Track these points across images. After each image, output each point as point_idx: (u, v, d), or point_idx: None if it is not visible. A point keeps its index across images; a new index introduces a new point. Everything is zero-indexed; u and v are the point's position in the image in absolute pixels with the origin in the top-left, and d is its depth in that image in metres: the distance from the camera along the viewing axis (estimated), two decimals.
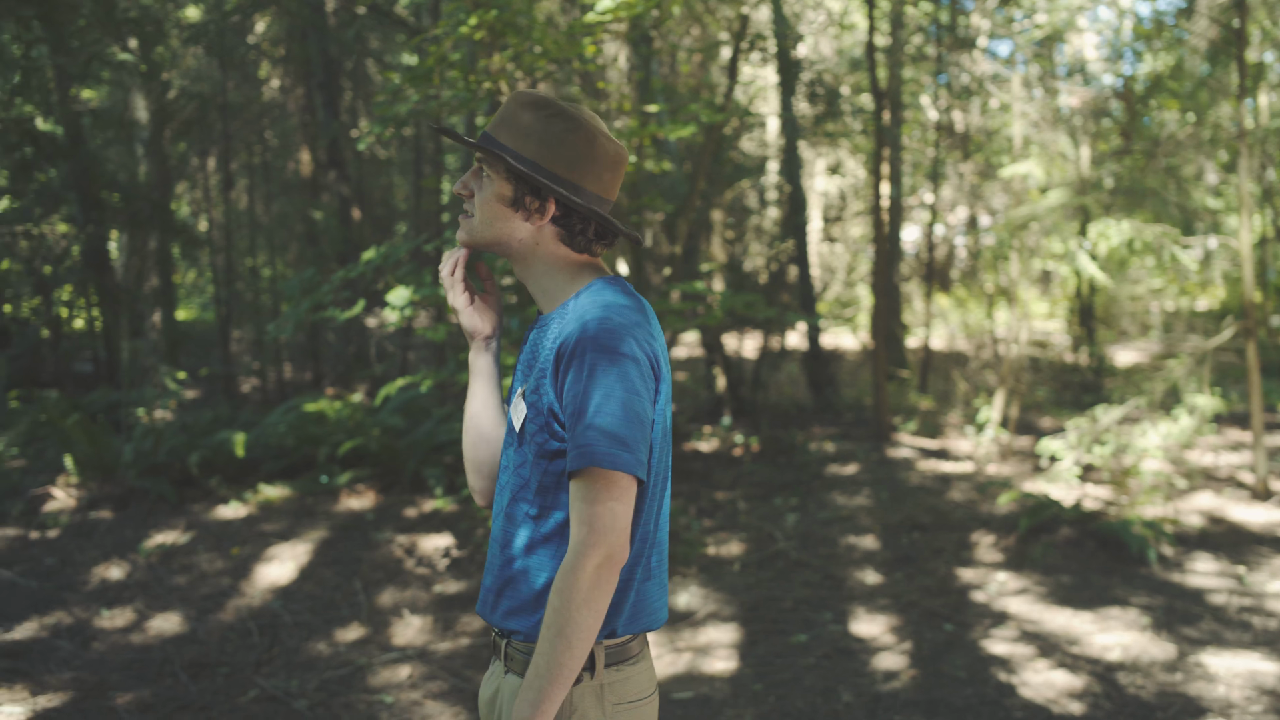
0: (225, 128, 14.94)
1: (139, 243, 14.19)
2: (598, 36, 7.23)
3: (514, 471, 2.34)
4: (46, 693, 5.34)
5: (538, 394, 2.26)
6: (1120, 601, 6.65)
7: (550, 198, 2.34)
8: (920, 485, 9.85)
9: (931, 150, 17.15)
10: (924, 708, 5.13)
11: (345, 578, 7.18)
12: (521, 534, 2.30)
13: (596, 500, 2.14)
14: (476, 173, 2.39)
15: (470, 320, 2.46)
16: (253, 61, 16.32)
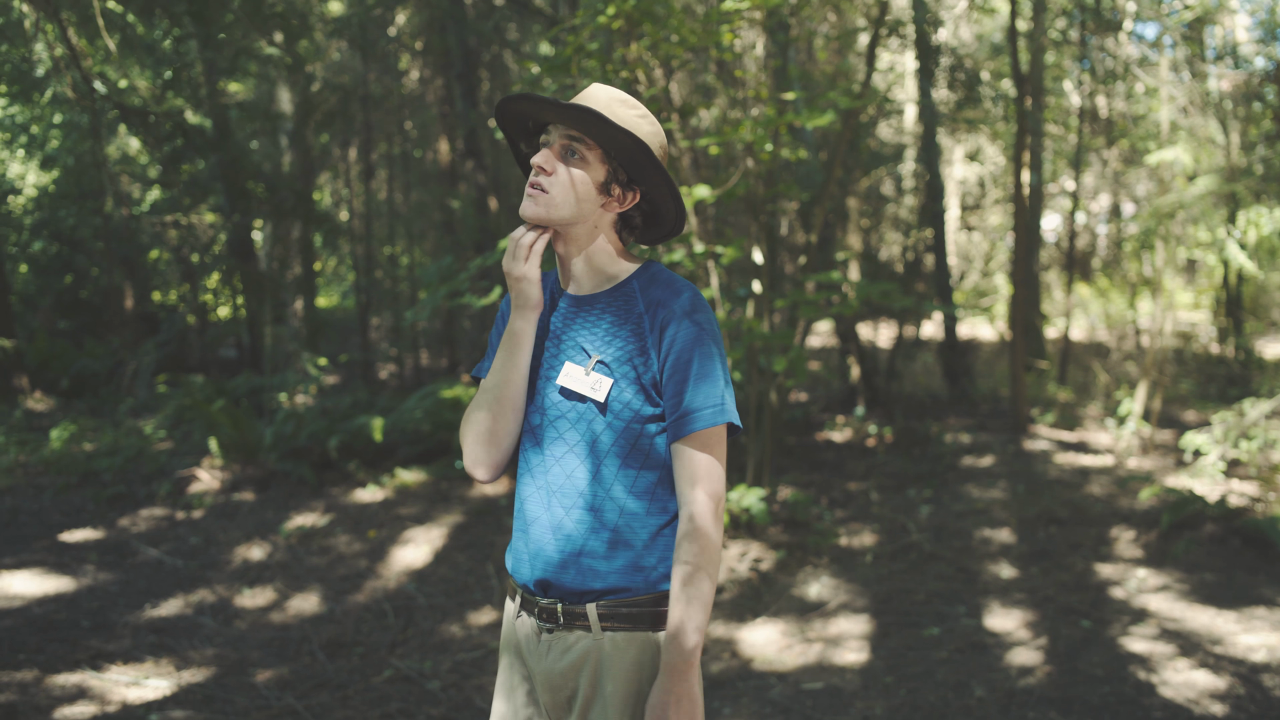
0: (366, 119, 15.23)
1: (282, 232, 14.53)
2: (735, 24, 7.20)
3: (596, 437, 2.41)
4: (190, 668, 5.51)
5: (632, 364, 2.41)
6: (1266, 601, 6.45)
7: (637, 189, 2.51)
8: (1058, 479, 9.66)
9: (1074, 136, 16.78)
10: (1059, 705, 5.04)
11: (478, 561, 7.28)
12: (614, 497, 2.40)
13: (712, 452, 2.39)
14: (563, 152, 2.42)
15: (536, 291, 2.46)
16: (393, 53, 16.58)
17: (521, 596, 2.50)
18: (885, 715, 4.98)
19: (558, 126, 2.43)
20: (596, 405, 2.41)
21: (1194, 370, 14.39)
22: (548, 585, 2.42)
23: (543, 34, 15.55)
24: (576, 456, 2.41)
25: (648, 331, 2.43)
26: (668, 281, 2.49)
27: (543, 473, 2.45)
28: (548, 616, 2.42)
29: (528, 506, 2.48)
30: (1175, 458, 10.17)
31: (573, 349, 2.47)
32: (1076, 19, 15.10)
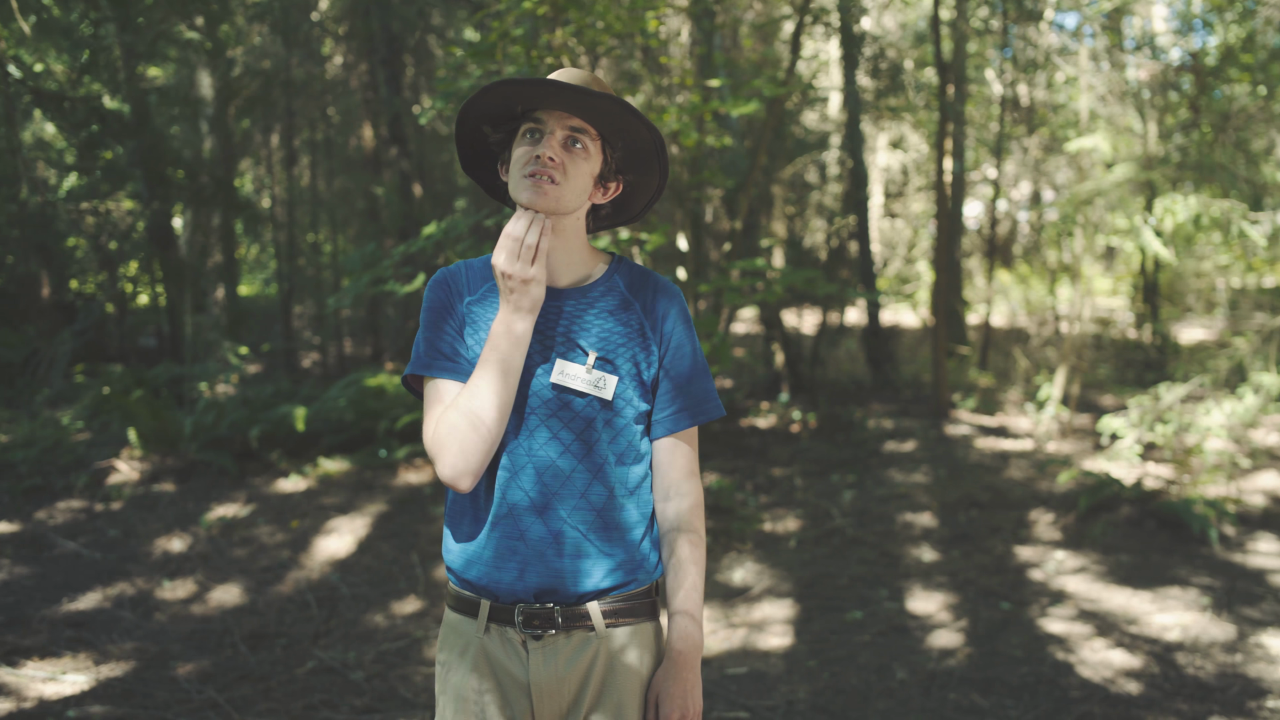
0: (288, 104, 15.07)
1: (203, 219, 14.35)
2: (660, 11, 7.21)
3: (597, 438, 2.38)
4: (109, 662, 5.44)
5: (634, 361, 2.42)
6: (1180, 581, 6.57)
7: (621, 179, 2.50)
8: (979, 463, 9.78)
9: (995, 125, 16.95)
10: (979, 686, 5.11)
11: (402, 551, 7.24)
12: (615, 496, 2.39)
13: (695, 443, 2.53)
14: (566, 142, 2.35)
15: (543, 292, 2.33)
16: (316, 38, 16.40)
17: (493, 608, 2.36)
18: (808, 699, 5.02)
19: (556, 115, 2.35)
20: (600, 403, 2.37)
21: (1112, 355, 14.63)
22: (546, 592, 2.34)
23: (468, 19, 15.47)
24: (574, 457, 2.36)
25: (648, 328, 2.46)
26: (650, 276, 2.56)
27: (534, 476, 2.34)
28: (542, 622, 2.33)
29: (518, 512, 2.34)
30: (1093, 441, 10.34)
31: (564, 345, 2.39)
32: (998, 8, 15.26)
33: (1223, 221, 9.74)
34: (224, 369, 11.28)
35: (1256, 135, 13.61)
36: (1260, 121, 12.05)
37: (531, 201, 2.30)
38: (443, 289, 2.45)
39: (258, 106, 15.18)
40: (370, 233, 15.14)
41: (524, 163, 2.33)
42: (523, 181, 2.32)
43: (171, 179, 12.77)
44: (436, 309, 2.44)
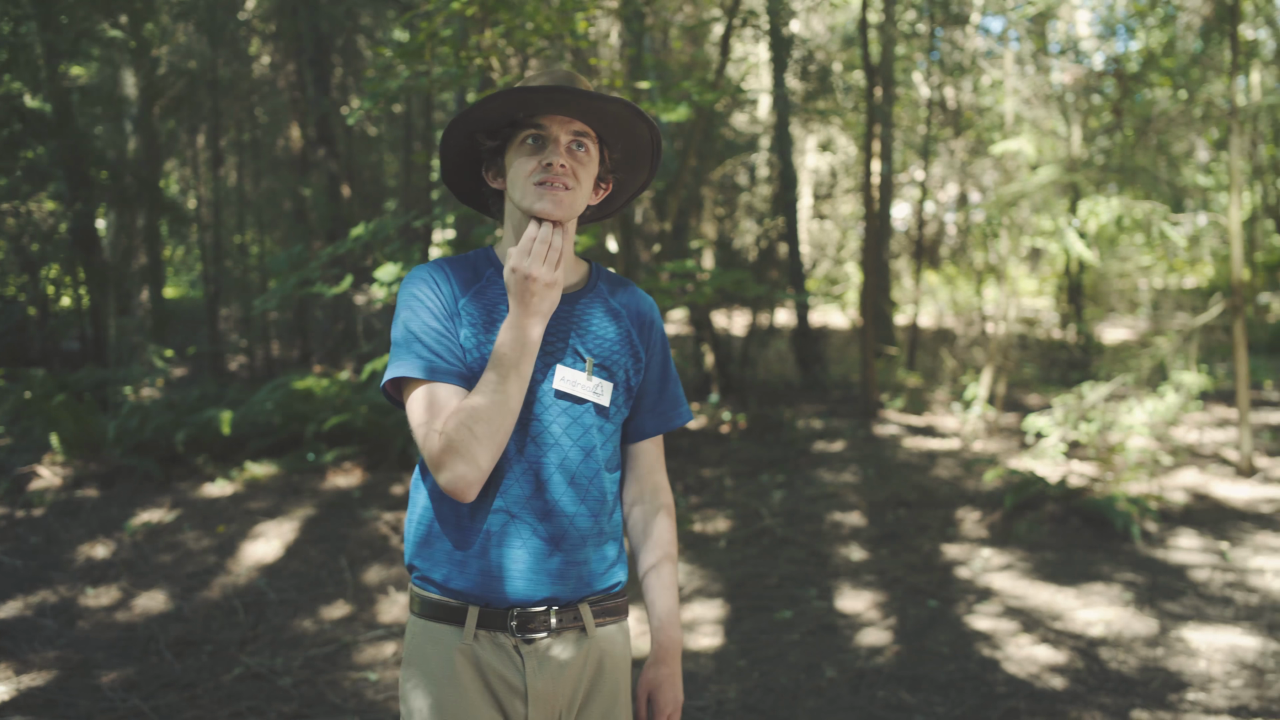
0: (215, 104, 14.90)
1: (127, 220, 14.15)
2: (590, 12, 7.21)
3: (594, 444, 2.39)
4: (30, 671, 5.34)
5: (625, 369, 2.46)
6: (1104, 577, 6.67)
7: (610, 180, 2.50)
8: (906, 462, 9.87)
9: (923, 127, 17.13)
10: (907, 683, 5.15)
11: (331, 555, 7.18)
12: (608, 501, 2.43)
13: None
14: (571, 147, 2.33)
15: (559, 294, 2.29)
16: (243, 37, 16.24)
17: (482, 613, 2.29)
18: (739, 698, 5.04)
19: (559, 120, 2.32)
20: (596, 409, 2.38)
21: (1037, 355, 14.82)
22: (547, 597, 2.32)
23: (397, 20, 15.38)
24: (574, 463, 2.35)
25: (635, 336, 2.49)
26: (629, 283, 2.60)
27: (534, 482, 2.31)
28: (538, 626, 2.31)
29: (519, 518, 2.30)
30: (1018, 440, 10.46)
31: (562, 351, 2.37)
32: (925, 12, 15.42)
33: (1144, 223, 9.90)
34: (149, 372, 11.14)
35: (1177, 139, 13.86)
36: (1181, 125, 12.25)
37: (550, 212, 2.27)
38: (433, 286, 2.36)
39: (183, 106, 15.00)
40: (298, 234, 15.01)
41: (531, 171, 2.30)
42: (535, 190, 2.29)
43: (95, 179, 12.59)
44: (428, 307, 2.33)
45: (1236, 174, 9.17)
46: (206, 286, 15.65)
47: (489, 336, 2.31)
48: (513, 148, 2.34)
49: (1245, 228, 22.14)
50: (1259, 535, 7.52)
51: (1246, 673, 5.18)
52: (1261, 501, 8.42)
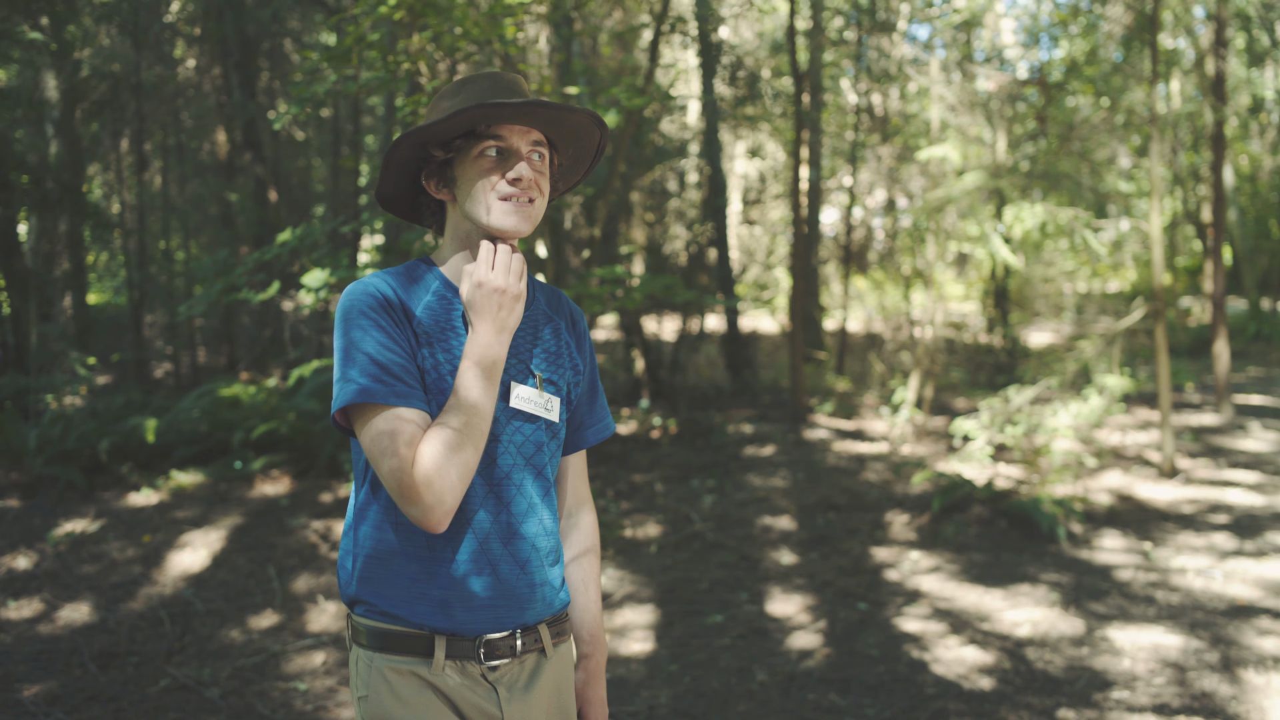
0: (139, 108, 14.69)
1: (49, 225, 13.91)
2: (519, 18, 7.19)
3: (545, 461, 2.34)
4: None
5: (569, 383, 2.41)
6: (1030, 578, 6.76)
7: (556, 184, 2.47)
8: (836, 466, 9.94)
9: (851, 133, 17.27)
10: (837, 685, 5.19)
11: (259, 564, 7.11)
12: (553, 515, 2.38)
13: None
14: (531, 158, 2.25)
15: (523, 307, 2.24)
16: (168, 40, 16.04)
17: (449, 643, 2.19)
18: (670, 703, 5.05)
19: (519, 130, 2.23)
20: (547, 426, 2.32)
21: (964, 359, 14.97)
22: (512, 621, 2.25)
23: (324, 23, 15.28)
24: (529, 482, 2.28)
25: (573, 348, 2.45)
26: (560, 293, 2.55)
27: (497, 504, 2.23)
28: (505, 651, 2.24)
29: (485, 544, 2.21)
30: (946, 443, 10.57)
31: (514, 368, 2.28)
32: (853, 19, 15.55)
33: (1068, 229, 10.04)
34: (71, 380, 10.96)
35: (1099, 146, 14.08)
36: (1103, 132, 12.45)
37: (517, 228, 2.21)
38: (384, 302, 2.19)
39: (106, 110, 14.78)
40: (224, 240, 14.87)
41: (493, 185, 2.21)
42: (498, 205, 2.20)
43: (15, 184, 12.36)
44: (380, 325, 2.16)
45: (1157, 180, 9.33)
46: (131, 293, 15.43)
47: (446, 355, 2.18)
48: (468, 159, 2.23)
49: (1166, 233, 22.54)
50: (1181, 535, 7.66)
51: (1169, 671, 5.27)
52: (1183, 502, 8.57)
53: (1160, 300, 9.21)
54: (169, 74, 16.18)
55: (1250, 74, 19.61)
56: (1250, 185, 26.97)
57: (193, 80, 16.94)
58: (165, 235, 17.12)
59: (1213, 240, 12.65)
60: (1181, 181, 21.58)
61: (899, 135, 17.40)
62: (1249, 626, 5.86)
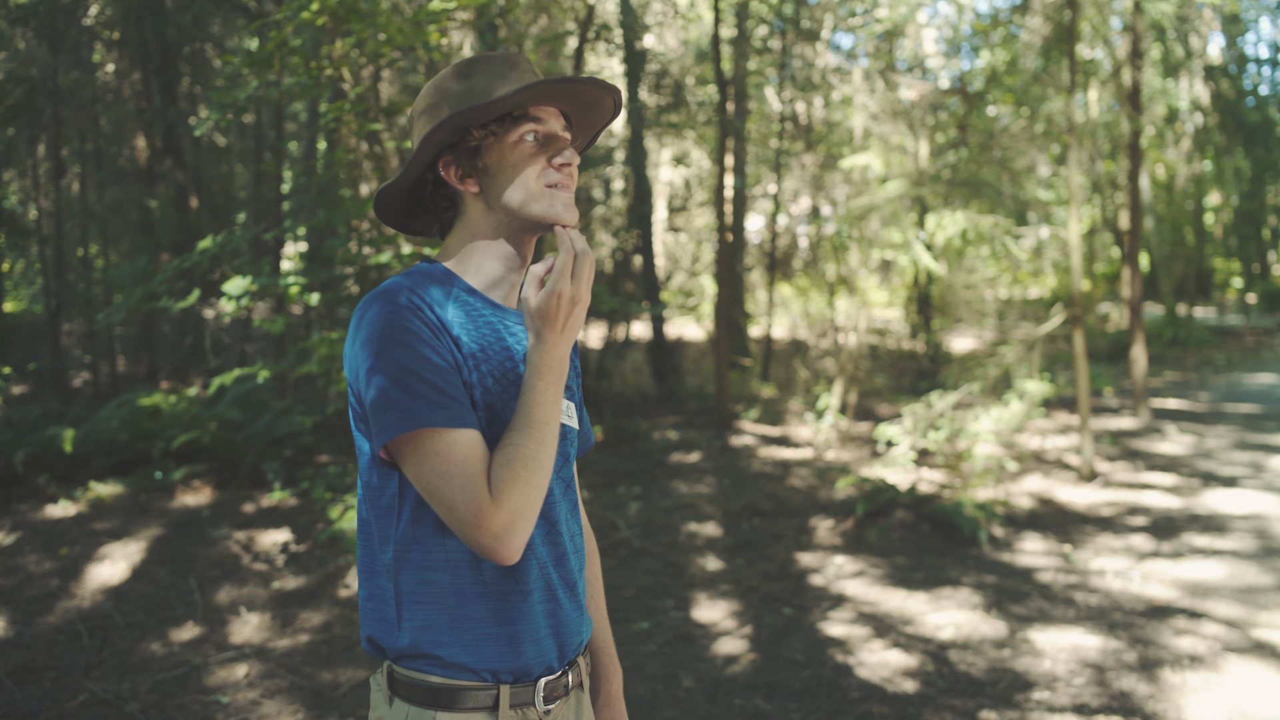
0: (56, 113, 14.46)
1: None
2: (443, 24, 7.16)
3: (571, 474, 2.18)
4: None
5: (574, 389, 2.27)
6: (953, 582, 6.83)
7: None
8: (761, 472, 9.99)
9: (775, 141, 17.38)
10: (763, 690, 5.21)
11: (180, 576, 7.01)
12: (581, 532, 2.23)
13: None
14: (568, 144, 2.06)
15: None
16: (86, 44, 15.80)
17: (513, 692, 2.00)
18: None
19: (551, 111, 2.03)
20: (570, 434, 2.15)
21: (888, 365, 15.12)
22: (565, 656, 2.08)
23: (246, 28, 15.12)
24: (562, 496, 2.09)
25: (574, 351, 2.31)
26: None
27: (549, 525, 2.05)
28: (561, 691, 2.08)
29: (545, 573, 2.04)
30: (870, 449, 10.66)
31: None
32: (777, 28, 15.65)
33: (989, 236, 10.17)
34: None
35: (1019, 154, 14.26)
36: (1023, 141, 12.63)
37: (571, 218, 2.02)
38: (419, 315, 1.93)
39: (22, 115, 14.53)
40: (144, 247, 14.65)
41: (540, 172, 2.00)
42: (548, 194, 2.01)
43: None
44: (423, 339, 1.90)
45: (1075, 188, 9.47)
46: (48, 301, 15.17)
47: (490, 369, 1.98)
48: (503, 145, 2.00)
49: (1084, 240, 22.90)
50: (1100, 537, 7.78)
51: (1089, 671, 5.35)
52: (1102, 505, 8.70)
53: (1079, 306, 9.35)
54: (87, 78, 15.93)
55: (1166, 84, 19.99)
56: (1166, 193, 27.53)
57: (112, 85, 16.69)
58: (83, 242, 16.86)
59: (1130, 247, 12.87)
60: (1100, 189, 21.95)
61: (823, 143, 17.54)
62: (1166, 626, 5.97)
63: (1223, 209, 30.66)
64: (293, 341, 11.32)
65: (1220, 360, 20.11)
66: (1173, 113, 22.20)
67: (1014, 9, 14.33)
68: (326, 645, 5.88)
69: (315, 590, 6.71)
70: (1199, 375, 17.94)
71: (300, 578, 6.93)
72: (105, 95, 16.53)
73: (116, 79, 16.61)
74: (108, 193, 17.21)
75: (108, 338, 14.64)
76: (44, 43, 14.38)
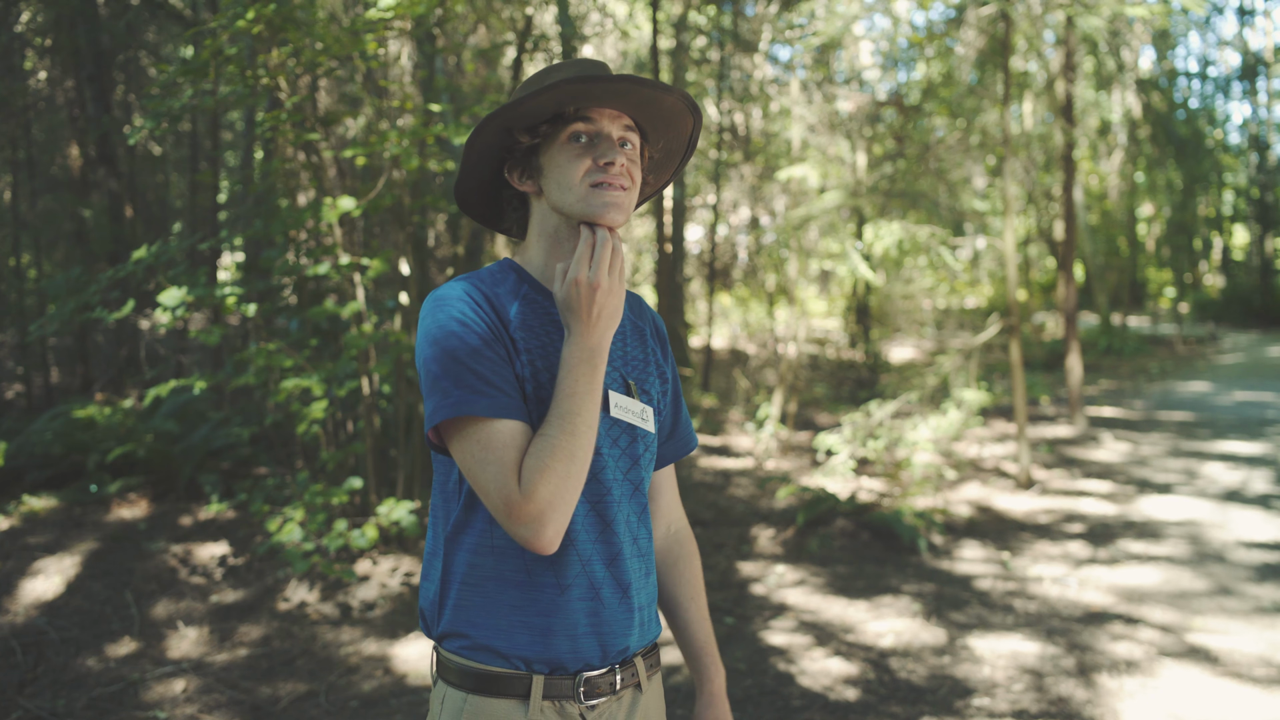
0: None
1: None
2: (380, 33, 7.13)
3: (642, 476, 2.17)
4: None
5: (658, 393, 2.27)
6: (893, 589, 6.88)
7: (646, 179, 2.27)
8: (702, 482, 10.00)
9: (714, 152, 17.44)
10: None
11: (116, 590, 6.92)
12: (649, 534, 2.21)
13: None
14: (620, 144, 2.08)
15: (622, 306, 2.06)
16: (17, 51, 15.59)
17: (548, 682, 2.03)
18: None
19: (609, 114, 2.07)
20: (643, 437, 2.15)
21: (827, 375, 15.20)
22: (615, 653, 2.09)
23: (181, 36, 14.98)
24: (627, 498, 2.11)
25: (659, 355, 2.31)
26: (639, 298, 2.38)
27: (599, 524, 2.07)
28: (605, 688, 2.08)
29: (589, 568, 2.06)
30: (810, 458, 10.71)
31: (608, 375, 2.12)
32: (716, 39, 15.72)
33: (925, 246, 10.26)
34: None
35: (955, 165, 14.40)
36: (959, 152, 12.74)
37: (613, 218, 2.03)
38: (475, 307, 2.03)
39: None
40: (78, 256, 14.46)
41: (585, 171, 2.03)
42: (592, 193, 2.03)
43: None
44: (476, 331, 1.99)
45: (1010, 199, 9.58)
46: None
47: (545, 363, 2.04)
48: (555, 145, 2.06)
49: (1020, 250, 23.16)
50: (1038, 544, 7.86)
51: (1027, 677, 5.41)
52: (1040, 512, 8.80)
53: (1015, 316, 9.45)
54: (18, 86, 15.72)
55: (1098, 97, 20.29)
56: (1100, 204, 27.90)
57: (44, 92, 16.47)
58: (15, 252, 16.60)
59: (1064, 257, 13.03)
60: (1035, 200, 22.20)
61: (761, 154, 17.63)
62: (1103, 632, 6.04)
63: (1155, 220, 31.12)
64: (230, 352, 11.22)
65: (1154, 369, 20.41)
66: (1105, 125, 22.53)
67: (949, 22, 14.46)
68: (266, 659, 5.83)
69: (254, 603, 6.64)
70: (1133, 383, 18.19)
71: (239, 591, 6.86)
72: (37, 103, 16.31)
73: (49, 86, 16.40)
74: (40, 201, 16.98)
75: (41, 349, 14.43)
76: None
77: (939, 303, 17.15)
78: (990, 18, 10.29)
